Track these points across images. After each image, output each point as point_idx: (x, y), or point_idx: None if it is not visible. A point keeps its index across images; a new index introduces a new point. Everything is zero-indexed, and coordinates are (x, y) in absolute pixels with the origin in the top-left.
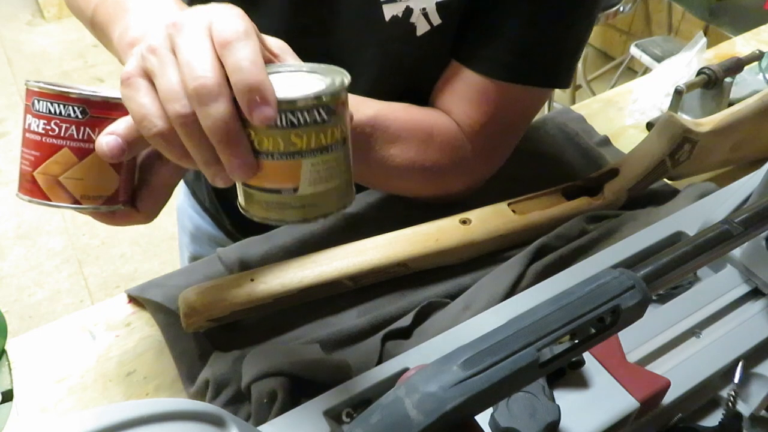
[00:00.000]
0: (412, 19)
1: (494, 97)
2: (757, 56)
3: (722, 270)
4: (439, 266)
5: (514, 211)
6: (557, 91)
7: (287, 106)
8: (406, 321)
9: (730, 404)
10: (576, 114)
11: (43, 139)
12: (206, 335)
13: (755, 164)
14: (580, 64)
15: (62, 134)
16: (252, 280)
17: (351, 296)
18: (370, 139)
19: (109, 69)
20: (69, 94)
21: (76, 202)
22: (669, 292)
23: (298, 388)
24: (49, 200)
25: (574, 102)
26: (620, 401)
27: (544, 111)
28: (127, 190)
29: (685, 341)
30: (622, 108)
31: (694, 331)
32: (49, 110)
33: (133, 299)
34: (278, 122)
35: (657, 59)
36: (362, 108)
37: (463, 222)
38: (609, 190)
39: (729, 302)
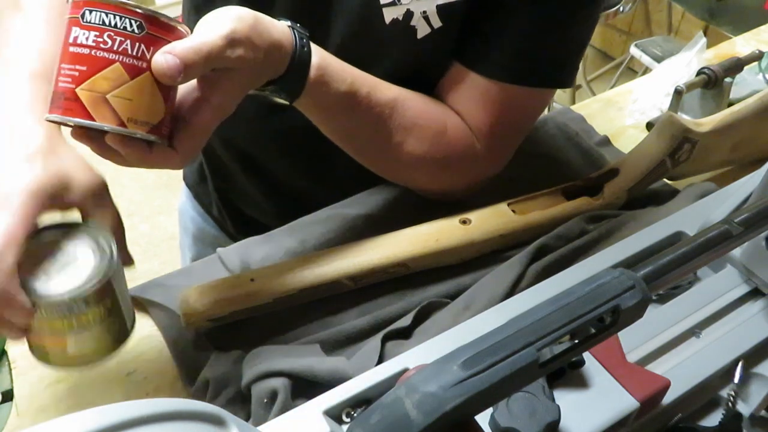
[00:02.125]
0: (413, 22)
1: (500, 99)
2: (757, 56)
3: (722, 270)
4: (439, 266)
5: (514, 211)
6: (558, 91)
7: (46, 302)
8: (406, 321)
9: (730, 404)
10: (576, 114)
11: (93, 52)
12: (206, 335)
13: (755, 164)
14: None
15: (115, 48)
16: (252, 280)
17: (351, 296)
18: (388, 121)
19: None
20: (127, 6)
21: (121, 124)
22: (669, 292)
23: (298, 388)
24: (93, 119)
25: (574, 102)
26: (620, 401)
27: (545, 111)
28: (170, 123)
29: (685, 341)
30: (622, 108)
31: (694, 331)
32: (103, 21)
33: (133, 299)
34: (41, 312)
35: (657, 59)
36: (383, 89)
37: (463, 222)
38: (609, 190)
39: (729, 302)
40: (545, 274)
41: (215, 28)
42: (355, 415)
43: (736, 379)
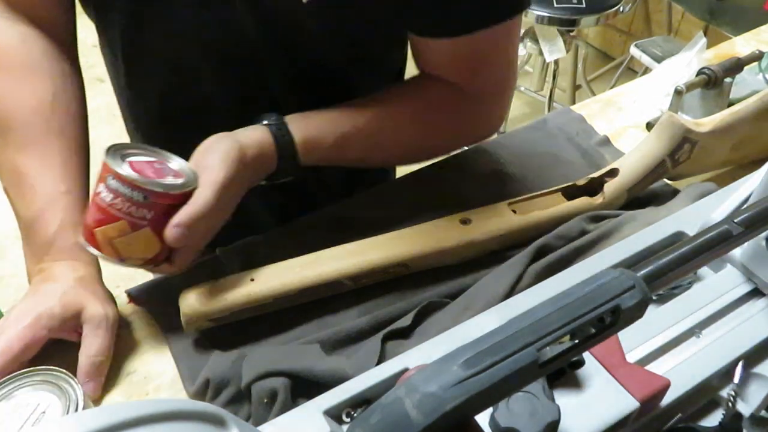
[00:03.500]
0: None
1: (468, 50)
2: (757, 56)
3: (722, 270)
4: (439, 266)
5: (514, 211)
6: (557, 91)
7: None
8: (406, 321)
9: (730, 404)
10: (576, 114)
11: (108, 208)
12: (206, 335)
13: (755, 164)
14: (580, 65)
15: (123, 209)
16: (252, 280)
17: (351, 296)
18: (383, 130)
19: None
20: (136, 182)
21: (121, 260)
22: (669, 292)
23: (298, 388)
24: (101, 252)
25: (574, 102)
26: (620, 401)
27: (545, 111)
28: (165, 252)
29: (685, 341)
30: (622, 108)
31: (694, 331)
32: (118, 189)
33: (133, 299)
34: None
35: (657, 59)
36: (361, 109)
37: (463, 222)
38: (609, 190)
39: (729, 302)
40: (545, 274)
41: (209, 182)
42: (355, 415)
43: (736, 379)
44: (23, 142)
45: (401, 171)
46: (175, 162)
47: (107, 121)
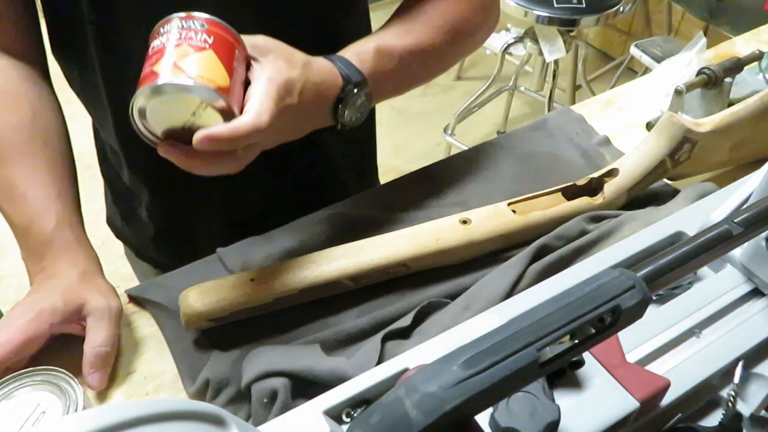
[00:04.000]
0: None
1: None
2: (757, 56)
3: (722, 270)
4: (439, 266)
5: (514, 211)
6: (557, 91)
7: None
8: (406, 321)
9: (730, 404)
10: (576, 114)
11: (169, 40)
12: (206, 335)
13: (755, 164)
14: (580, 65)
15: (183, 36)
16: (252, 280)
17: (351, 296)
18: (424, 36)
19: None
20: (193, 13)
21: (190, 78)
22: (669, 292)
23: (298, 388)
24: (168, 76)
25: (574, 102)
26: (620, 401)
27: (545, 111)
28: (235, 96)
29: (685, 341)
30: (622, 108)
31: (694, 331)
32: (173, 22)
33: (133, 299)
34: None
35: (657, 59)
36: (401, 25)
37: (463, 222)
38: (609, 190)
39: (729, 302)
40: (545, 274)
41: (263, 100)
42: (355, 415)
43: (736, 379)
44: (8, 156)
45: (401, 171)
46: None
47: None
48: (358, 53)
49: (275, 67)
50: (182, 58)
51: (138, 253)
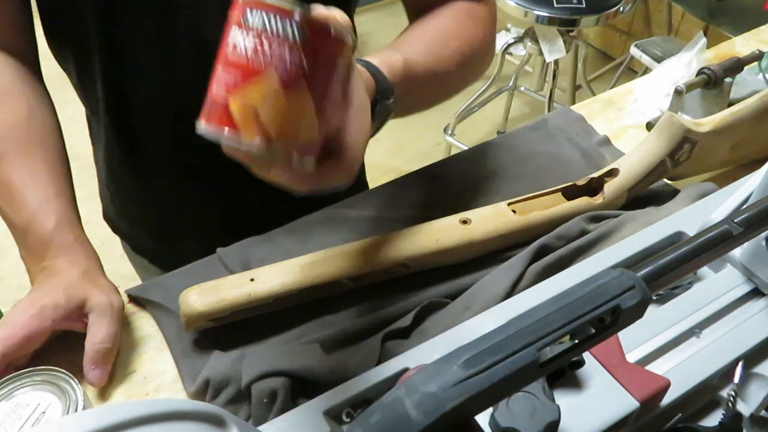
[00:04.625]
0: None
1: None
2: (757, 56)
3: (722, 270)
4: (439, 266)
5: (514, 211)
6: (557, 91)
7: None
8: (406, 321)
9: (730, 404)
10: (576, 114)
11: (250, 58)
12: (206, 335)
13: (755, 164)
14: (580, 65)
15: (272, 54)
16: (252, 280)
17: (351, 296)
18: (446, 48)
19: None
20: (288, 9)
21: (269, 140)
22: (669, 292)
23: (298, 388)
24: (238, 132)
25: (574, 102)
26: (620, 401)
27: (545, 111)
28: (324, 141)
29: (685, 341)
30: (622, 108)
31: (694, 331)
32: (265, 26)
33: (133, 299)
34: None
35: (657, 59)
36: (422, 33)
37: (463, 222)
38: (609, 190)
39: (729, 302)
40: (545, 274)
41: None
42: (355, 415)
43: (736, 379)
44: (5, 154)
45: (401, 171)
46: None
47: None
48: (388, 64)
49: (362, 92)
50: (263, 101)
51: (135, 247)
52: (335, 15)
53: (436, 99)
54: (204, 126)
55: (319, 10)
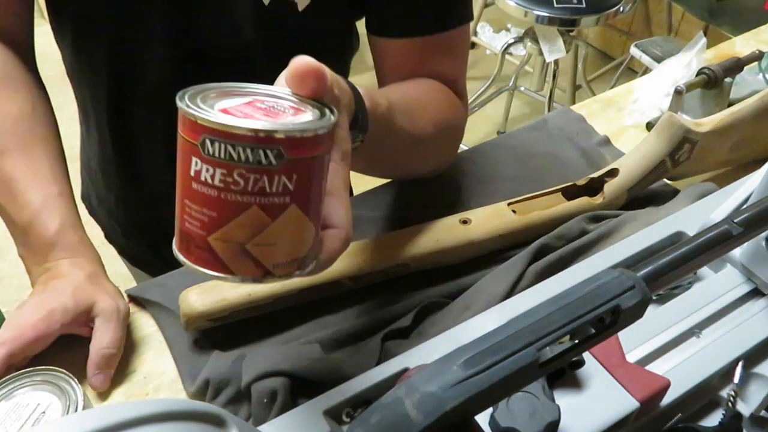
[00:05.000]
0: None
1: (455, 44)
2: (757, 56)
3: (722, 270)
4: (439, 266)
5: (514, 211)
6: (557, 91)
7: None
8: (406, 321)
9: (730, 404)
10: (576, 114)
11: (222, 195)
12: (206, 335)
13: (755, 164)
14: (580, 65)
15: (250, 188)
16: None
17: (351, 296)
18: (414, 113)
19: None
20: (259, 132)
21: (267, 273)
22: (669, 292)
23: (298, 388)
24: (233, 273)
25: (574, 102)
26: (620, 401)
27: (545, 111)
28: (319, 238)
29: (685, 341)
30: (622, 108)
31: (694, 331)
32: (231, 156)
33: (133, 299)
34: None
35: (657, 59)
36: (395, 89)
37: (463, 222)
38: (609, 190)
39: (729, 302)
40: (545, 274)
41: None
42: (355, 415)
43: (736, 379)
44: (8, 149)
45: None
46: (266, 90)
47: None
48: (371, 99)
49: (345, 152)
50: (250, 237)
51: (107, 236)
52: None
53: (401, 162)
54: (184, 260)
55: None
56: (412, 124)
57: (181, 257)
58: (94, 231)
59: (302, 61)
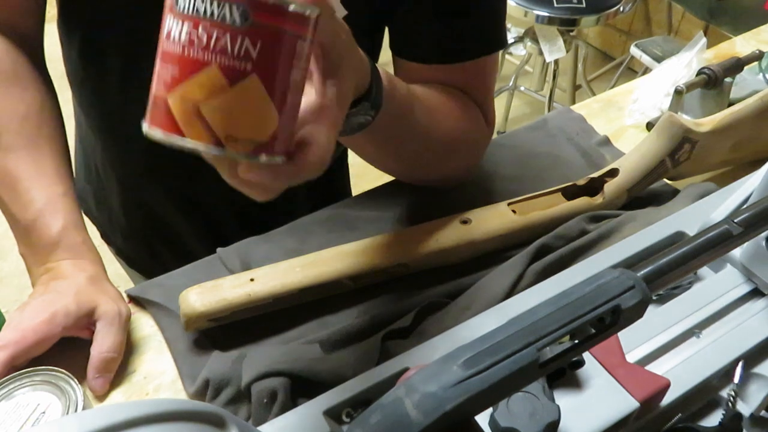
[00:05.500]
0: None
1: (483, 70)
2: (757, 56)
3: (722, 270)
4: (439, 266)
5: (514, 211)
6: (557, 91)
7: None
8: (406, 321)
9: (730, 404)
10: (576, 114)
11: (186, 50)
12: (206, 335)
13: (755, 164)
14: (580, 65)
15: (211, 45)
16: (252, 280)
17: (351, 296)
18: (432, 111)
19: None
20: None
21: (218, 143)
22: (669, 292)
23: (298, 388)
24: (183, 135)
25: (574, 102)
26: (620, 401)
27: (545, 111)
28: (288, 136)
29: (685, 341)
30: (622, 108)
31: (694, 331)
32: (197, 9)
33: (133, 299)
34: None
35: (657, 59)
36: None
37: (463, 222)
38: (609, 190)
39: (729, 302)
40: (545, 274)
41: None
42: (355, 415)
43: (736, 379)
44: (15, 147)
45: None
46: None
47: None
48: (390, 78)
49: (346, 91)
50: (206, 98)
51: (104, 235)
52: None
53: (412, 158)
54: (147, 128)
55: None
56: (431, 120)
57: (144, 126)
58: (93, 231)
59: None
